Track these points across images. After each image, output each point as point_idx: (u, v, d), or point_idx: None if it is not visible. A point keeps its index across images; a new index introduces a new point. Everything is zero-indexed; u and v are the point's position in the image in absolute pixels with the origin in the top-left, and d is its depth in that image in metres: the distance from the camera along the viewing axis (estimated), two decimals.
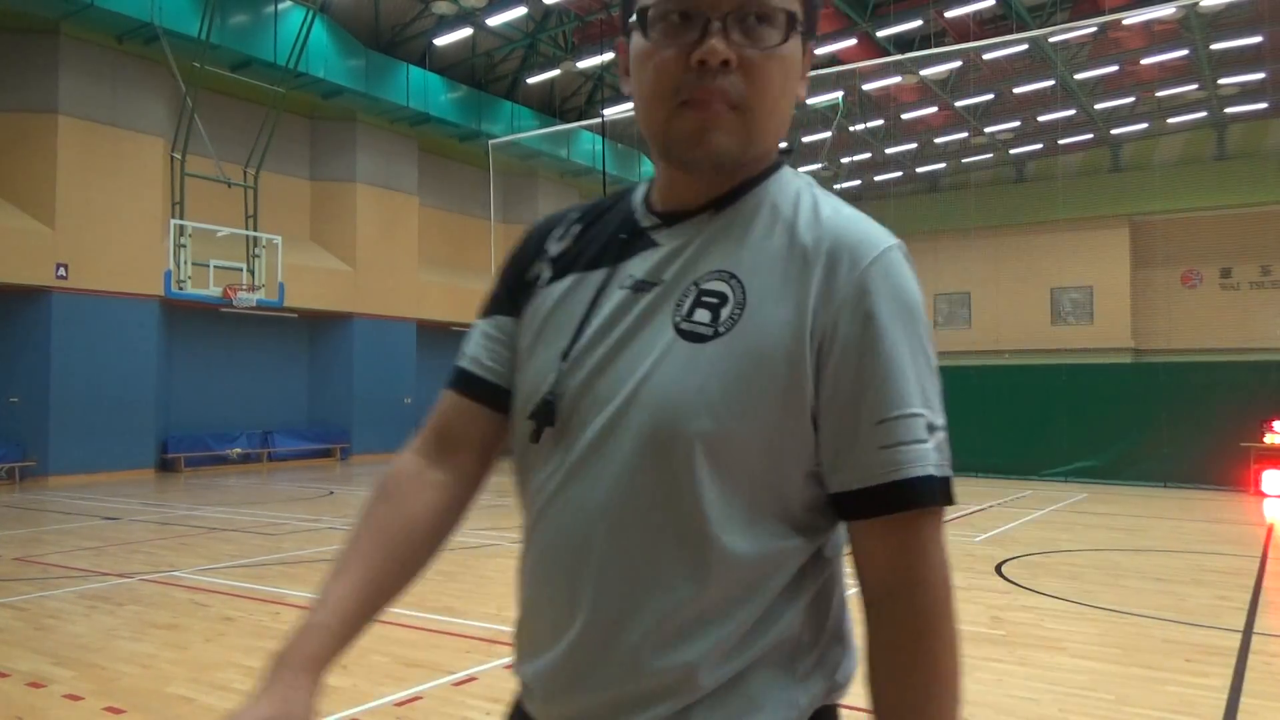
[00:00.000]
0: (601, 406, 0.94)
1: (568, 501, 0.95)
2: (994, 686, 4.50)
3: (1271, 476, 13.44)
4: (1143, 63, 26.42)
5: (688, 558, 0.90)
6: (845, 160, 34.75)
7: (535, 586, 1.00)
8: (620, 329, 0.96)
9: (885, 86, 27.27)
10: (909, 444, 0.91)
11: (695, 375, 0.89)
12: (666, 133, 0.94)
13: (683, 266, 0.96)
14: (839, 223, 0.94)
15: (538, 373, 1.00)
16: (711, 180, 0.98)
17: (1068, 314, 35.61)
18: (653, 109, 0.94)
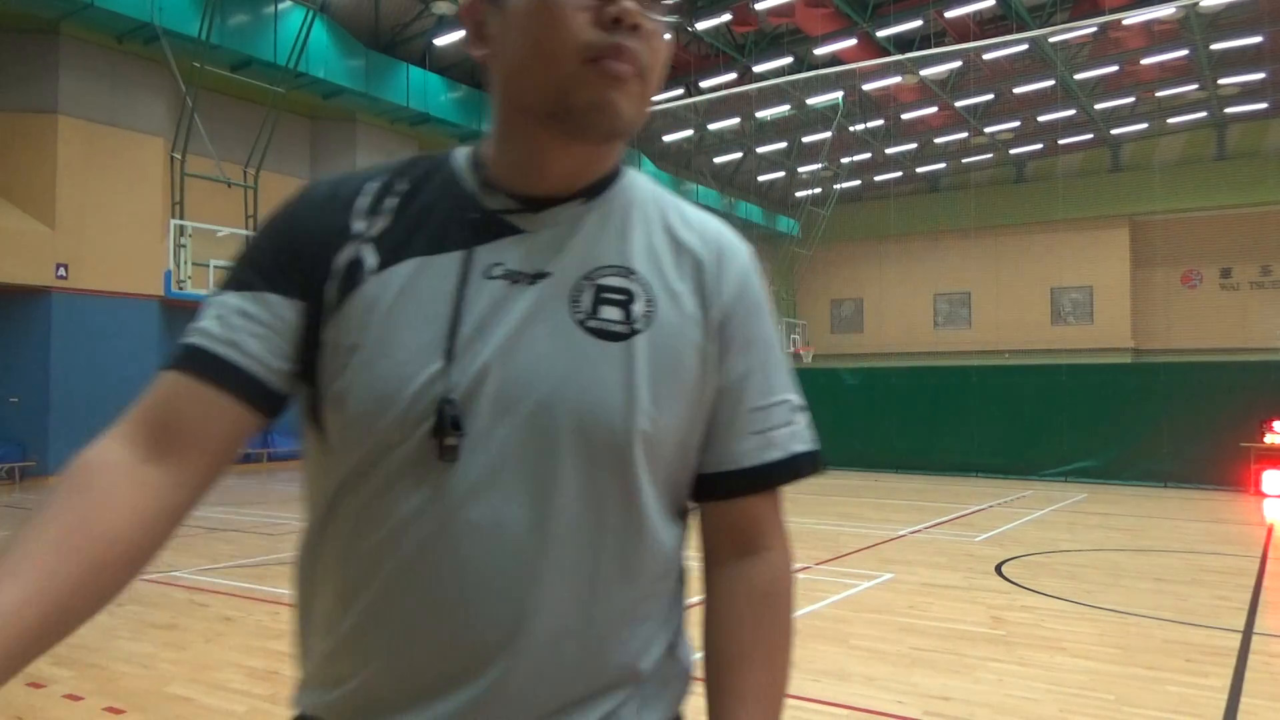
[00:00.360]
0: (509, 412, 0.85)
1: (477, 523, 0.84)
2: (994, 686, 4.50)
3: (1271, 476, 13.45)
4: (1143, 63, 26.41)
5: (631, 559, 0.92)
6: (845, 160, 34.75)
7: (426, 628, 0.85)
8: (508, 324, 0.87)
9: (885, 86, 27.26)
10: (790, 424, 1.02)
11: (621, 374, 0.88)
12: (568, 93, 0.85)
13: (569, 259, 0.91)
14: (709, 224, 1.01)
15: (399, 372, 0.85)
16: (587, 159, 0.92)
17: (1068, 314, 35.60)
18: (550, 66, 0.85)
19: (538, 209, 0.92)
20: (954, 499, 12.89)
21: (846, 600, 6.47)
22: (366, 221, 0.91)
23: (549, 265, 0.90)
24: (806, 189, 35.67)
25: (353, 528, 0.87)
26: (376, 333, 0.86)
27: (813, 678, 4.63)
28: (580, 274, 0.91)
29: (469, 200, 0.92)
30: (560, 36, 0.84)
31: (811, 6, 22.24)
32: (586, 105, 0.86)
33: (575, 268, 0.91)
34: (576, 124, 0.87)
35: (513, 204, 0.92)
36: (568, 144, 0.90)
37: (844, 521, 10.62)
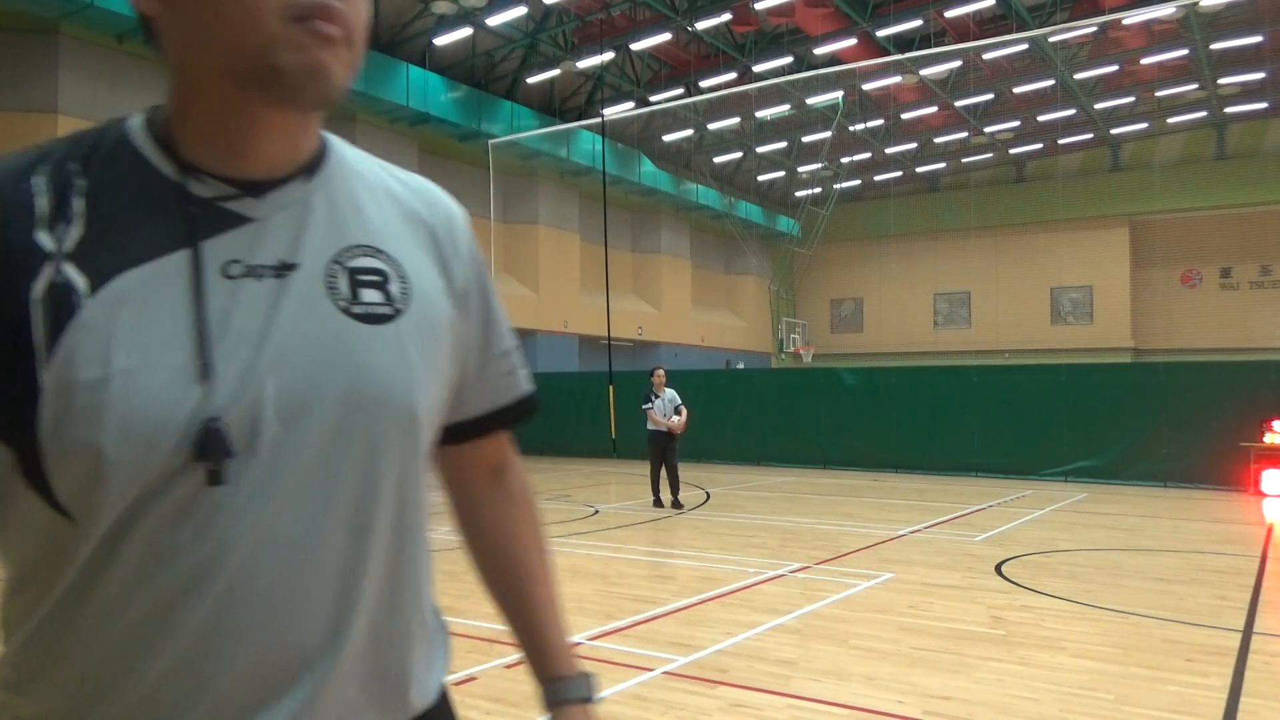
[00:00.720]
0: (302, 418, 0.80)
1: (263, 540, 0.79)
2: (994, 686, 4.50)
3: (1271, 476, 13.44)
4: (1143, 63, 26.41)
5: (419, 539, 0.92)
6: (845, 160, 34.75)
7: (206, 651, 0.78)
8: (272, 325, 0.80)
9: (885, 86, 27.27)
10: (519, 368, 1.12)
11: (398, 357, 0.86)
12: (274, 54, 0.77)
13: (313, 246, 0.85)
14: (424, 187, 1.00)
15: (158, 401, 0.75)
16: (298, 130, 0.85)
17: (1068, 314, 35.61)
18: (250, 23, 0.76)
19: (258, 193, 0.84)
20: (954, 499, 12.89)
21: (846, 600, 6.47)
22: (53, 234, 0.78)
23: (294, 255, 0.83)
24: (806, 189, 35.67)
25: (121, 595, 0.76)
26: (120, 363, 0.75)
27: (813, 678, 4.64)
28: (329, 259, 0.85)
29: (174, 188, 0.81)
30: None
31: (811, 6, 22.24)
32: (297, 68, 0.78)
33: (322, 253, 0.85)
34: (286, 89, 0.79)
35: (229, 189, 0.83)
36: (278, 112, 0.82)
37: (844, 521, 10.62)
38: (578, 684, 1.09)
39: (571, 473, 17.45)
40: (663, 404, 11.60)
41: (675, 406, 11.58)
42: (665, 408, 11.59)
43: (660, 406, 11.60)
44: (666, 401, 11.63)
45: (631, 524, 10.43)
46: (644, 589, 6.86)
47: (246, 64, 0.78)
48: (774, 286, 37.49)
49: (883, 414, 17.43)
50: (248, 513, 0.78)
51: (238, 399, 0.77)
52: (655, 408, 11.59)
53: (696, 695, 4.36)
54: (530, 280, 26.51)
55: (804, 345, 36.92)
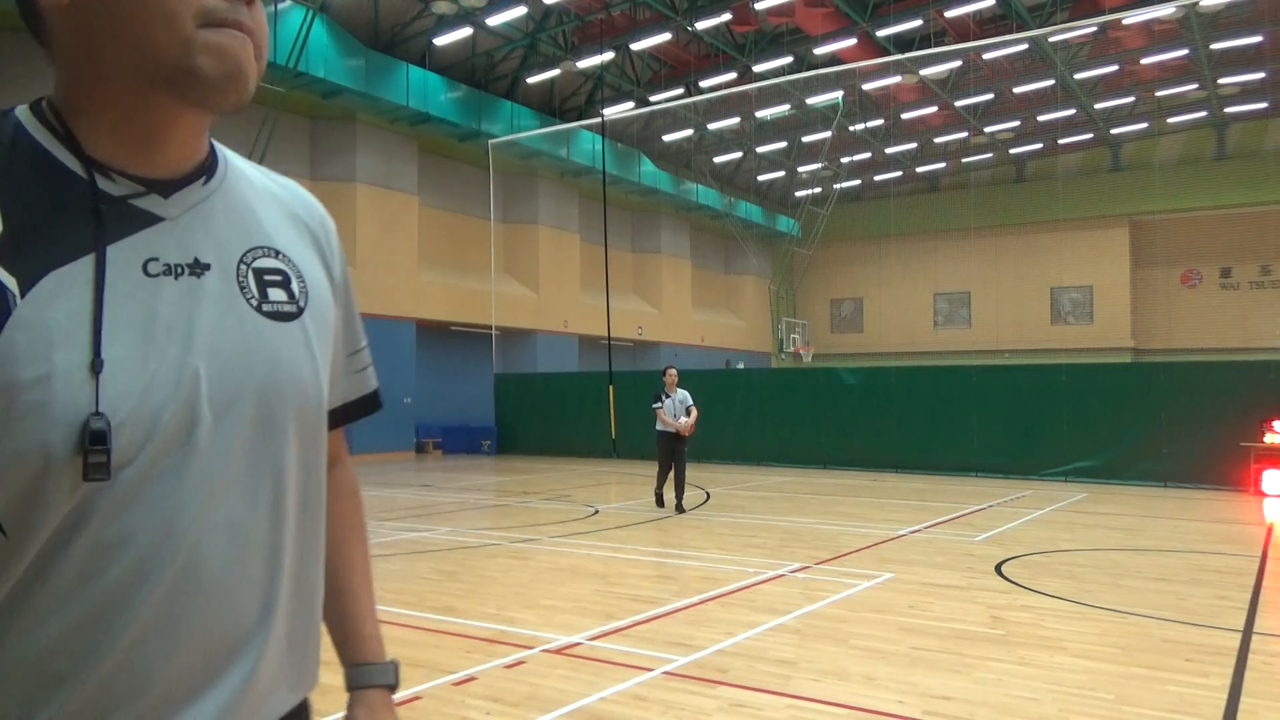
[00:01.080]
0: (232, 409, 0.84)
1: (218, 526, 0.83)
2: (994, 686, 4.50)
3: (1271, 476, 13.44)
4: (1143, 63, 26.41)
5: (321, 523, 0.99)
6: (845, 160, 34.75)
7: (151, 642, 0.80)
8: (198, 321, 0.84)
9: (885, 86, 27.26)
10: (370, 365, 1.16)
11: (305, 352, 0.93)
12: (190, 58, 0.81)
13: (222, 245, 0.89)
14: (297, 189, 1.04)
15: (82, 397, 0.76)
16: (200, 133, 0.89)
17: (1068, 314, 35.61)
18: (171, 27, 0.80)
19: (165, 192, 0.86)
20: (954, 499, 12.89)
21: (846, 600, 6.47)
22: None
23: (206, 254, 0.87)
24: (806, 189, 35.66)
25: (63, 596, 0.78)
26: (60, 361, 0.76)
27: (813, 678, 4.64)
28: (236, 259, 0.90)
29: (84, 185, 0.82)
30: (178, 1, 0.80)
31: (811, 6, 22.23)
32: (217, 72, 0.82)
33: (230, 254, 0.90)
34: (205, 91, 0.83)
35: (138, 187, 0.85)
36: (191, 113, 0.85)
37: (844, 521, 10.63)
38: (382, 670, 1.15)
39: (571, 473, 17.45)
40: (673, 404, 11.20)
41: (686, 407, 11.20)
42: (675, 408, 11.19)
43: (670, 406, 11.19)
44: (677, 402, 11.23)
45: (631, 524, 10.43)
46: (644, 589, 6.86)
47: (163, 67, 0.81)
48: (774, 286, 37.48)
49: (883, 414, 17.43)
50: (192, 502, 0.82)
51: (175, 394, 0.81)
52: (665, 408, 11.18)
53: (696, 695, 4.36)
54: (530, 280, 26.51)
55: (804, 345, 36.91)
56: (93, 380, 0.77)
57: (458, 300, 23.88)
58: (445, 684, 4.52)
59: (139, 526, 0.79)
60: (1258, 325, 32.06)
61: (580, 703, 4.21)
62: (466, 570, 7.57)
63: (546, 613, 6.01)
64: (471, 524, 10.52)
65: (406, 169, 22.39)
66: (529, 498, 13.19)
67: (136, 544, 0.79)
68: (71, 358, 0.77)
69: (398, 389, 21.66)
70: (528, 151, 24.96)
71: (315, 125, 21.20)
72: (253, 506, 0.87)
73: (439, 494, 13.87)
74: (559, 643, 5.25)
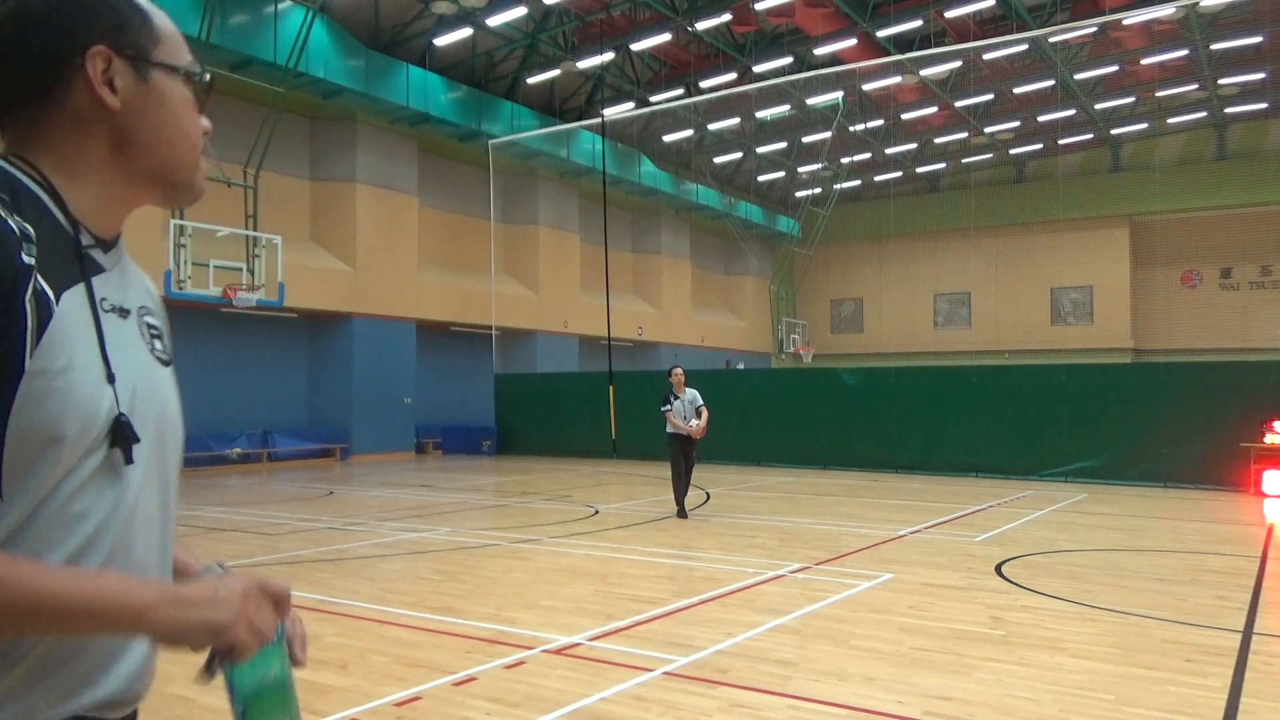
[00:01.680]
0: (148, 425, 1.09)
1: (141, 514, 1.08)
2: (994, 686, 4.50)
3: (1271, 476, 13.44)
4: (1143, 63, 26.41)
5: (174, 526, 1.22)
6: (845, 160, 34.75)
7: None
8: (133, 353, 1.10)
9: (885, 86, 27.26)
10: None
11: (175, 393, 1.19)
12: (192, 174, 1.16)
13: (131, 298, 1.15)
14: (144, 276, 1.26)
15: (95, 394, 1.01)
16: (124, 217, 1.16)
17: (1068, 314, 35.60)
18: (189, 150, 1.15)
19: (106, 249, 1.12)
20: (954, 499, 12.89)
21: (846, 600, 6.47)
22: (29, 249, 0.99)
23: (126, 303, 1.13)
24: (806, 189, 35.66)
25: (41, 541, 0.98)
26: (79, 359, 1.00)
27: (813, 678, 4.64)
28: (136, 310, 1.15)
29: (68, 232, 1.06)
30: (197, 132, 1.16)
31: (811, 6, 22.23)
32: (195, 187, 1.17)
33: (133, 305, 1.15)
34: (183, 195, 1.16)
35: (93, 242, 1.10)
36: (155, 203, 1.17)
37: (844, 521, 10.63)
38: (210, 569, 1.23)
39: (571, 473, 17.45)
40: (682, 405, 10.79)
41: (696, 408, 10.81)
42: (685, 410, 10.79)
43: (680, 408, 10.78)
44: (687, 403, 10.82)
45: (631, 524, 10.43)
46: (644, 589, 6.86)
47: (173, 177, 1.15)
48: (774, 287, 37.49)
49: (883, 414, 17.43)
50: (127, 494, 1.05)
51: (132, 408, 1.05)
52: (674, 410, 10.76)
53: (696, 695, 4.36)
54: (530, 280, 26.51)
55: (804, 345, 36.91)
56: (110, 386, 1.03)
57: (458, 300, 23.87)
58: (445, 684, 4.52)
59: (93, 504, 1.02)
60: (1258, 325, 32.06)
61: (580, 703, 4.21)
62: (466, 570, 7.57)
63: (546, 613, 6.01)
64: (471, 524, 10.52)
65: (407, 169, 22.39)
66: (529, 498, 13.19)
67: (92, 519, 1.01)
68: (88, 361, 1.01)
69: (398, 389, 21.66)
70: (528, 152, 24.96)
71: (315, 125, 21.20)
72: (159, 504, 1.12)
73: (439, 494, 13.87)
74: (559, 643, 5.25)
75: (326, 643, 5.28)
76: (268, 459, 19.36)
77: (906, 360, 29.96)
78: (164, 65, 1.12)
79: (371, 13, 21.74)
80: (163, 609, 0.98)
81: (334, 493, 14.04)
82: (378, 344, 21.18)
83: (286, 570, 7.61)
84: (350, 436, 20.72)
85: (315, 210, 21.10)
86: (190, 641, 1.01)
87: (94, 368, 1.01)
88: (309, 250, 20.43)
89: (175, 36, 1.16)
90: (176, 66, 1.14)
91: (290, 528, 10.14)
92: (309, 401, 21.26)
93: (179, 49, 1.15)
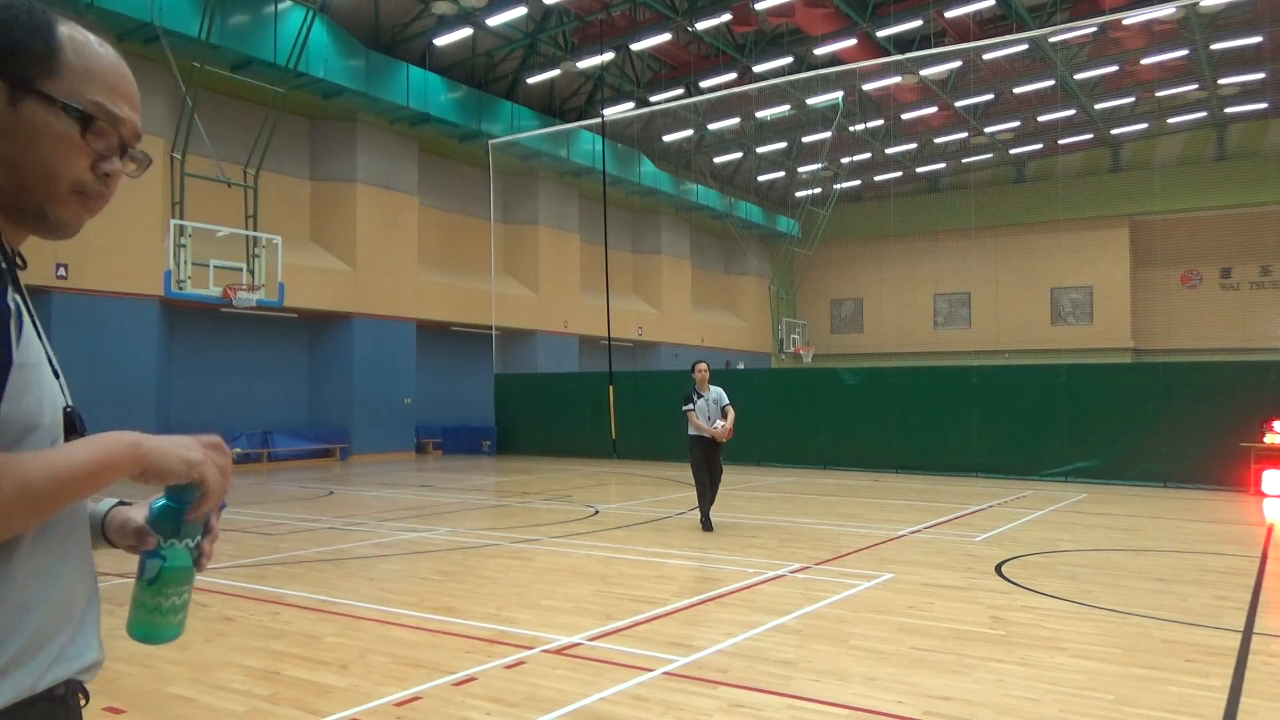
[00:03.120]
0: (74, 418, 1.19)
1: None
2: (994, 686, 4.50)
3: (1271, 476, 13.44)
4: (1143, 63, 26.41)
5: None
6: (845, 160, 34.74)
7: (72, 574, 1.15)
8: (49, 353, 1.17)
9: (885, 86, 27.26)
10: None
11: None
12: (51, 207, 1.14)
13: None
14: None
15: (49, 383, 1.14)
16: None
17: (1068, 314, 35.60)
18: (47, 185, 1.12)
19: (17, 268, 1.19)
20: (954, 499, 12.89)
21: (846, 600, 6.47)
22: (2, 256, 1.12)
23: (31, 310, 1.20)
24: (806, 189, 35.66)
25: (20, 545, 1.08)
26: (35, 354, 1.11)
27: (813, 678, 4.64)
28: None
29: (5, 251, 1.15)
30: (64, 168, 1.12)
31: (811, 6, 22.24)
32: (58, 222, 1.15)
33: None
34: (44, 228, 1.16)
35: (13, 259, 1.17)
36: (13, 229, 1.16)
37: (844, 521, 10.63)
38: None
39: (571, 473, 17.45)
40: (706, 404, 9.77)
41: (721, 407, 9.80)
42: (710, 409, 9.76)
43: (704, 408, 9.76)
44: (711, 402, 9.79)
45: (631, 524, 10.43)
46: (644, 589, 6.86)
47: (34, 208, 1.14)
48: (774, 287, 37.48)
49: (883, 414, 17.43)
50: None
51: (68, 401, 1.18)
52: (697, 410, 9.74)
53: (696, 695, 4.36)
54: (530, 280, 26.51)
55: (804, 345, 36.91)
56: (58, 380, 1.16)
57: (458, 300, 23.87)
58: (445, 684, 4.52)
59: None
60: (1258, 325, 32.06)
61: (580, 703, 4.21)
62: (466, 570, 7.57)
63: (546, 613, 6.01)
64: (471, 524, 10.52)
65: (406, 169, 22.39)
66: (529, 498, 13.18)
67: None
68: (41, 356, 1.13)
69: (398, 389, 21.66)
70: (528, 152, 24.96)
71: (315, 125, 21.20)
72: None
73: (439, 494, 13.87)
74: (559, 643, 5.25)
75: (326, 643, 5.28)
76: (268, 459, 19.35)
77: (906, 360, 29.96)
78: (40, 94, 1.10)
79: (371, 13, 21.74)
80: (149, 442, 1.09)
81: (334, 493, 14.04)
82: (378, 344, 21.18)
83: (286, 570, 7.61)
84: (350, 436, 20.72)
85: (315, 210, 21.10)
86: (172, 470, 1.10)
87: (44, 363, 1.13)
88: (309, 250, 20.42)
89: (93, 73, 1.14)
90: (54, 98, 1.10)
91: (290, 528, 10.14)
92: (309, 401, 21.26)
93: (87, 86, 1.13)
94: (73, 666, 1.16)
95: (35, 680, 1.09)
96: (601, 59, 24.50)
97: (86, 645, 1.19)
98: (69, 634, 1.15)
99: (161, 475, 1.10)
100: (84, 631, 1.18)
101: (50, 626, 1.12)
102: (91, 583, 1.21)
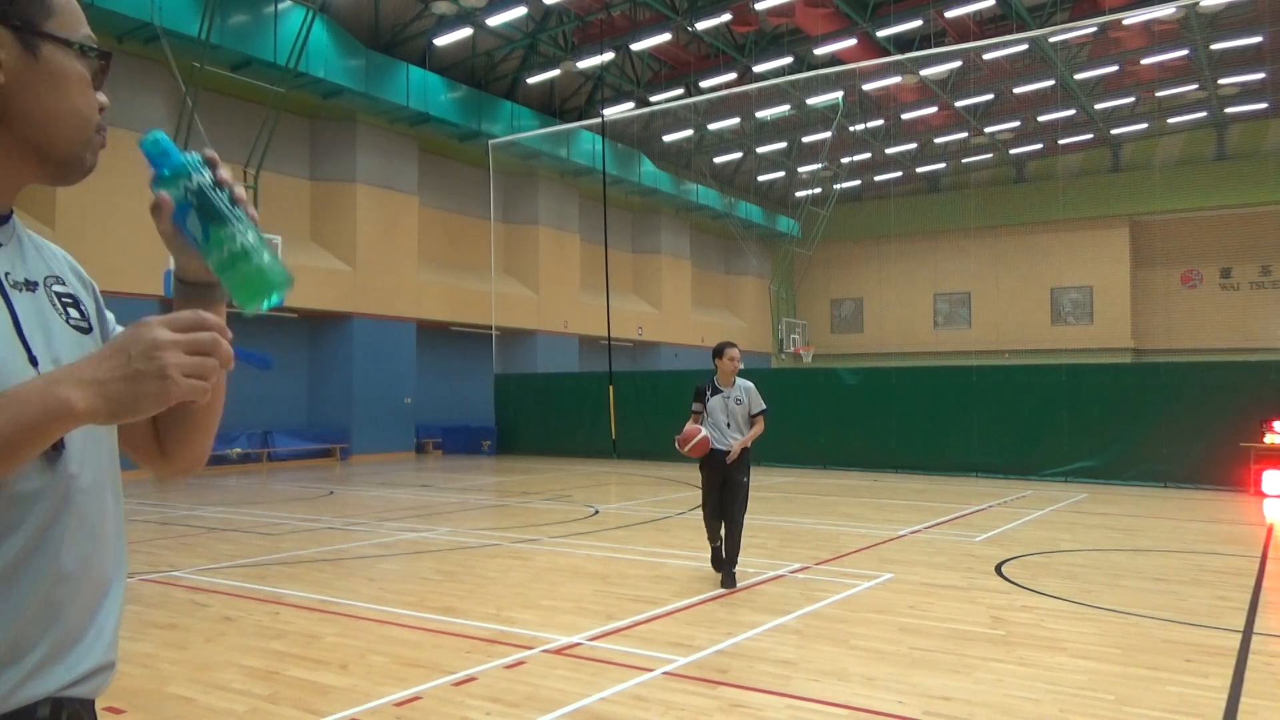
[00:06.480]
0: None
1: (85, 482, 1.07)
2: (994, 686, 4.50)
3: (1271, 476, 13.44)
4: (1143, 63, 26.41)
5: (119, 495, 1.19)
6: (845, 160, 34.74)
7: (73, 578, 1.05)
8: (47, 327, 1.08)
9: (885, 86, 27.26)
10: None
11: None
12: (82, 150, 1.09)
13: (34, 270, 1.12)
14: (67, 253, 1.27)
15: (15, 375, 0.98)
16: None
17: (1068, 314, 35.60)
18: (80, 128, 1.08)
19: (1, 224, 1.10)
20: (954, 499, 12.89)
21: (846, 600, 6.47)
22: None
23: (30, 275, 1.11)
24: (806, 189, 35.66)
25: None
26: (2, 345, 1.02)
27: (813, 678, 4.64)
28: (42, 282, 1.12)
29: None
30: (91, 109, 1.09)
31: (811, 6, 22.23)
32: (87, 164, 1.11)
33: (39, 277, 1.12)
34: (72, 172, 1.10)
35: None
36: (43, 181, 1.11)
37: (844, 521, 10.63)
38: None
39: (571, 473, 17.44)
40: (722, 404, 7.33)
41: (751, 416, 7.51)
42: (728, 411, 7.31)
43: (716, 408, 7.30)
44: (733, 402, 7.37)
45: (631, 524, 10.43)
46: (644, 589, 6.86)
47: (62, 153, 1.07)
48: (774, 286, 37.48)
49: (883, 414, 17.43)
50: (72, 465, 1.05)
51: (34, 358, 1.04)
52: (707, 410, 7.33)
53: (696, 695, 4.36)
54: (530, 280, 26.51)
55: (804, 345, 36.91)
56: (34, 370, 1.02)
57: (458, 300, 23.87)
58: (445, 684, 4.52)
59: (46, 483, 1.02)
60: (1258, 325, 32.06)
61: (580, 703, 4.21)
62: (466, 570, 7.57)
63: (546, 613, 6.01)
64: (471, 524, 10.52)
65: (406, 169, 22.39)
66: (529, 498, 13.18)
67: (46, 498, 1.02)
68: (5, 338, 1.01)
69: (398, 389, 21.66)
70: (528, 152, 24.96)
71: (315, 125, 21.20)
72: (104, 478, 1.11)
73: (439, 494, 13.86)
74: (559, 643, 5.25)
75: (326, 643, 5.28)
76: (268, 459, 19.35)
77: (906, 360, 29.95)
78: (55, 38, 1.05)
79: (371, 13, 21.73)
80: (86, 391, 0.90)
81: (334, 493, 14.04)
82: (378, 344, 21.18)
83: (286, 570, 7.61)
84: (350, 436, 20.72)
85: (315, 210, 21.10)
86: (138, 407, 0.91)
87: (15, 350, 1.02)
88: (309, 250, 20.42)
89: (71, 9, 1.10)
90: (70, 40, 1.07)
91: (290, 528, 10.14)
92: (309, 401, 21.26)
93: (75, 22, 1.09)
94: (60, 680, 1.03)
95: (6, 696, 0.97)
96: (601, 59, 24.50)
97: (86, 651, 1.06)
98: (53, 643, 1.02)
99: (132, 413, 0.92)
100: (82, 636, 1.06)
101: (18, 637, 0.98)
102: (98, 577, 1.09)
